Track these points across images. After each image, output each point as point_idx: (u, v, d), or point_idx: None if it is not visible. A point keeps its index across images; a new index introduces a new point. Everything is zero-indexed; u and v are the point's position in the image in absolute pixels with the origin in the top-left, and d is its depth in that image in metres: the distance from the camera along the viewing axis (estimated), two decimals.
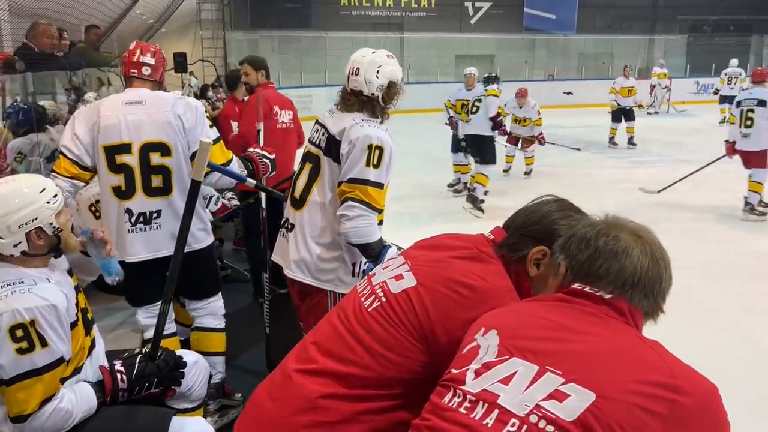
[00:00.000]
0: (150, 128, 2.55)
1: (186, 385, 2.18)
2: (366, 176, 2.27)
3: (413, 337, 1.33)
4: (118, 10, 6.39)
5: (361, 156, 2.27)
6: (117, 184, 2.57)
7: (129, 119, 2.55)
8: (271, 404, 1.39)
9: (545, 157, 9.56)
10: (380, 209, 2.33)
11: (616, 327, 1.13)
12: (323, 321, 1.53)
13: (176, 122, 2.58)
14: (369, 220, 2.27)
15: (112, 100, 2.70)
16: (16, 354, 1.69)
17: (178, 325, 3.30)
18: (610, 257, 1.17)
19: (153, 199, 2.59)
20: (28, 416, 1.72)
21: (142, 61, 2.66)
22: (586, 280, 1.19)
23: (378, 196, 2.29)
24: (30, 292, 1.74)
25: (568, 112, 17.20)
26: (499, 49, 20.79)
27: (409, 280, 1.41)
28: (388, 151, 2.31)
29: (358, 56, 2.41)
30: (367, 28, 19.28)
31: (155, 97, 2.64)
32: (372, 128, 2.32)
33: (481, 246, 1.45)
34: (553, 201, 1.48)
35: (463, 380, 1.13)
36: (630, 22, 21.62)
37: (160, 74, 2.74)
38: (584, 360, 1.05)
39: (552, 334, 1.12)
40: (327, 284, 2.41)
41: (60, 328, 1.76)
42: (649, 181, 7.71)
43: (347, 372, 1.34)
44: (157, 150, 2.56)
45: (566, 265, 1.23)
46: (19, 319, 1.69)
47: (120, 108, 2.58)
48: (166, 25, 10.05)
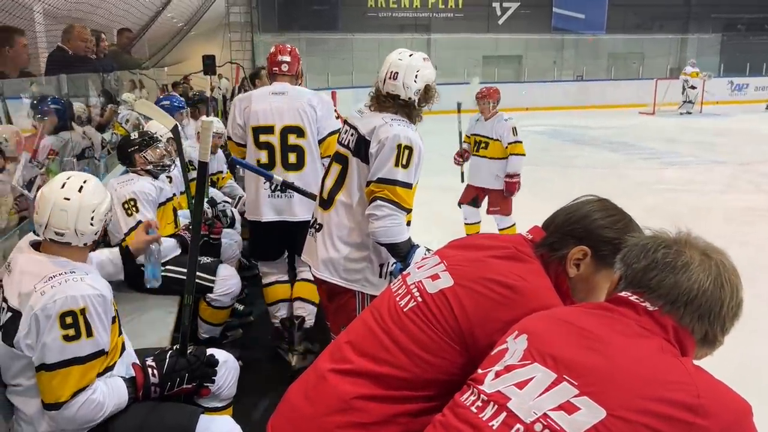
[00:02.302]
0: (289, 114, 3.16)
1: (216, 385, 2.19)
2: (395, 176, 2.25)
3: (451, 338, 1.30)
4: (149, 13, 6.47)
5: (390, 155, 2.25)
6: (261, 158, 3.19)
7: (273, 106, 3.18)
8: (305, 404, 1.38)
9: (578, 157, 9.44)
10: (409, 209, 2.31)
11: (649, 341, 1.07)
12: (357, 321, 1.51)
13: (310, 111, 3.19)
14: (397, 219, 2.26)
15: (262, 90, 3.35)
16: (62, 341, 1.72)
17: (206, 324, 3.35)
18: (666, 269, 1.12)
19: (289, 173, 3.18)
20: (61, 404, 1.74)
21: (281, 59, 3.28)
22: (636, 290, 1.14)
23: (407, 196, 2.27)
24: (82, 281, 1.78)
25: (597, 112, 17.01)
26: (526, 50, 20.62)
27: (445, 280, 1.38)
28: (418, 151, 2.29)
29: (395, 59, 2.36)
30: (393, 29, 19.27)
31: (295, 90, 3.26)
32: (401, 128, 2.30)
33: (519, 245, 1.42)
34: (595, 201, 1.44)
35: (482, 380, 1.12)
36: (661, 21, 21.27)
37: (296, 70, 3.34)
38: (604, 374, 1.02)
39: (579, 342, 1.08)
40: (354, 284, 2.40)
41: (106, 319, 1.80)
42: (680, 183, 7.56)
43: (383, 372, 1.32)
44: (293, 132, 3.17)
45: (621, 273, 1.19)
46: (72, 305, 1.72)
47: (267, 97, 3.23)
48: (195, 28, 10.16)
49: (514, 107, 17.52)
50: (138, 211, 3.05)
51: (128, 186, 3.09)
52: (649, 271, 1.13)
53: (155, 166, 3.24)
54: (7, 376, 1.84)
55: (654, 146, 11.42)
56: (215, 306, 3.27)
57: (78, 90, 4.58)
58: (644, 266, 1.14)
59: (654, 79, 17.83)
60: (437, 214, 6.26)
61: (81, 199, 1.85)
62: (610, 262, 1.36)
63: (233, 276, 3.32)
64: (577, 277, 1.39)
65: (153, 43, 8.08)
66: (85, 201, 1.86)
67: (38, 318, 1.71)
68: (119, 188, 3.07)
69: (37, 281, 1.76)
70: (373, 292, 2.39)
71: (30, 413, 1.83)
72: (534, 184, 8.25)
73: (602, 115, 16.48)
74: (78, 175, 1.94)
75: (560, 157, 10.53)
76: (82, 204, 1.85)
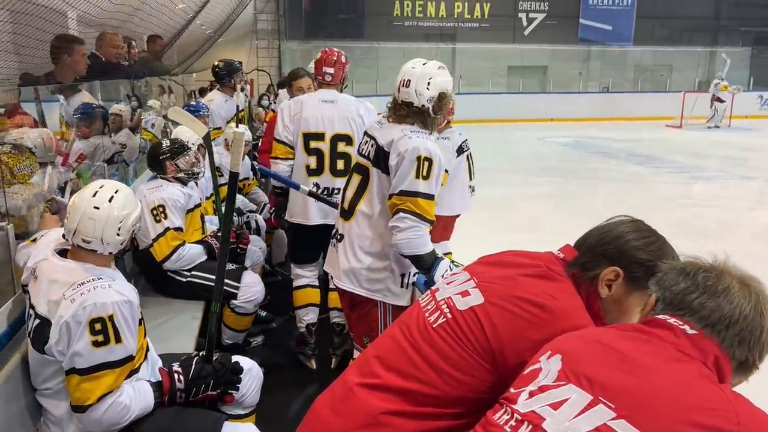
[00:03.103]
0: (340, 122, 3.27)
1: (240, 392, 2.20)
2: (416, 188, 2.26)
3: (480, 356, 1.29)
4: (181, 21, 6.56)
5: (411, 168, 2.26)
6: (310, 163, 3.29)
7: (324, 114, 3.29)
8: (332, 417, 1.38)
9: (603, 170, 9.33)
10: (431, 220, 2.31)
11: (688, 366, 1.05)
12: (385, 335, 1.51)
13: (359, 120, 3.30)
14: (420, 231, 2.26)
15: (312, 97, 3.42)
16: (92, 346, 1.74)
17: (229, 331, 3.37)
18: (708, 292, 1.10)
19: (336, 179, 3.28)
20: (87, 407, 1.76)
21: (325, 71, 3.39)
22: (675, 312, 1.13)
23: (429, 207, 2.28)
24: (110, 287, 1.81)
25: (623, 124, 16.85)
26: (552, 60, 20.50)
27: (476, 297, 1.38)
28: (437, 162, 2.29)
29: (408, 67, 2.39)
30: (419, 38, 19.29)
31: (344, 99, 3.38)
32: (420, 139, 2.30)
33: (550, 264, 1.41)
34: (629, 221, 1.42)
35: (516, 399, 1.11)
36: (690, 33, 21.00)
37: (341, 78, 3.44)
38: (641, 397, 1.00)
39: (615, 364, 1.07)
40: (376, 294, 2.40)
41: (133, 324, 1.83)
42: (708, 198, 7.45)
43: (411, 388, 1.32)
44: (343, 140, 3.28)
45: (658, 296, 1.17)
46: (101, 312, 1.75)
47: (318, 104, 3.32)
48: (224, 35, 10.27)
49: (539, 117, 17.53)
50: (166, 217, 3.09)
51: (157, 192, 3.13)
52: (689, 293, 1.12)
53: (186, 173, 3.28)
54: (37, 380, 1.88)
55: (681, 160, 11.28)
56: (239, 312, 3.30)
57: (109, 95, 4.66)
58: (684, 288, 1.13)
59: (682, 92, 17.62)
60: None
61: (110, 210, 1.88)
62: (642, 285, 1.34)
63: (257, 283, 3.34)
64: (609, 298, 1.38)
65: (182, 50, 8.18)
66: (113, 212, 1.88)
67: (69, 325, 1.74)
68: (148, 194, 3.11)
69: (65, 289, 1.79)
70: (395, 302, 2.40)
71: (58, 415, 1.85)
72: (557, 197, 8.22)
73: (628, 127, 16.32)
74: (110, 185, 1.96)
75: (584, 170, 10.45)
76: (110, 215, 1.87)
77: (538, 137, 14.40)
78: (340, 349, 3.45)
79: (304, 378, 3.33)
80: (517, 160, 11.27)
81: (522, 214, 7.27)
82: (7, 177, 2.51)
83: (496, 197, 8.02)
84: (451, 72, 2.47)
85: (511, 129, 15.76)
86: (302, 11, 18.77)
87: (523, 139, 14.03)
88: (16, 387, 1.86)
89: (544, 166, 10.81)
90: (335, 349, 3.46)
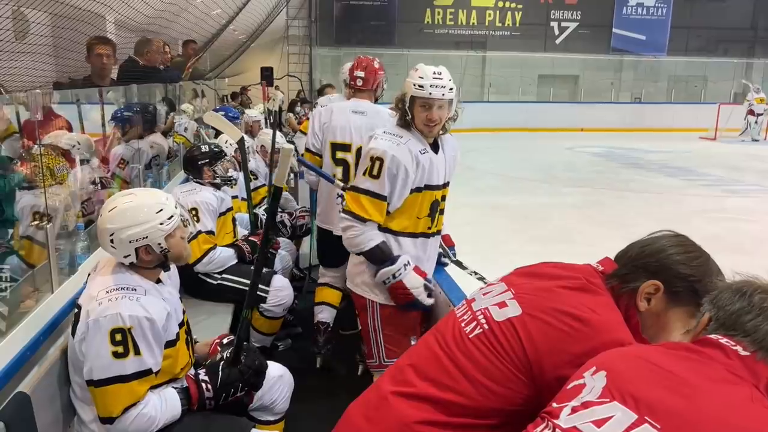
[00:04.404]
0: (366, 134, 3.03)
1: (270, 398, 2.21)
2: (361, 185, 2.35)
3: (517, 368, 1.28)
4: (216, 26, 6.66)
5: (363, 165, 2.36)
6: (336, 173, 3.26)
7: (352, 124, 3.24)
8: (366, 425, 1.38)
9: (634, 181, 9.16)
10: (369, 219, 2.34)
11: (738, 388, 1.02)
12: (420, 343, 1.50)
13: None
14: (357, 230, 2.35)
15: (342, 106, 3.36)
16: (113, 357, 1.75)
17: (258, 334, 3.39)
18: (765, 314, 1.07)
19: None
20: (114, 419, 1.77)
21: (356, 75, 3.29)
22: (727, 333, 1.09)
23: (371, 206, 2.33)
24: (137, 301, 1.81)
25: (655, 135, 16.61)
26: (584, 70, 20.31)
27: (513, 308, 1.36)
28: (390, 163, 2.31)
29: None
30: (449, 46, 19.26)
31: (374, 109, 3.30)
32: (383, 141, 2.37)
33: (589, 276, 1.39)
34: (671, 236, 1.39)
35: (558, 414, 1.09)
36: (726, 44, 20.63)
37: (373, 84, 3.34)
38: (688, 418, 0.97)
39: (662, 384, 1.04)
40: (358, 289, 2.52)
41: (153, 341, 1.81)
42: (743, 212, 7.28)
43: (446, 399, 1.30)
44: None
45: (711, 315, 1.14)
46: (120, 323, 1.75)
47: (347, 114, 3.27)
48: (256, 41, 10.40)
49: (569, 127, 17.35)
50: (199, 220, 3.12)
51: (191, 196, 3.17)
52: (744, 314, 1.08)
53: (222, 179, 3.32)
54: (72, 371, 1.90)
55: (715, 173, 11.07)
56: (268, 316, 3.32)
57: (142, 98, 4.74)
58: (739, 308, 1.09)
59: (717, 103, 17.30)
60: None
61: (104, 221, 1.87)
62: (683, 300, 1.31)
63: (287, 287, 3.36)
64: (647, 312, 1.35)
65: (214, 55, 8.31)
66: (104, 223, 1.87)
67: (89, 327, 1.76)
68: (182, 197, 3.15)
69: (101, 289, 1.82)
70: (374, 298, 2.47)
71: (86, 420, 1.87)
72: (588, 207, 8.11)
73: (660, 138, 16.08)
74: (121, 197, 1.94)
75: (616, 180, 10.31)
76: (103, 226, 1.87)
77: (568, 147, 14.26)
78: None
79: (331, 384, 3.33)
80: (547, 170, 11.16)
81: (551, 224, 7.19)
82: (48, 177, 2.56)
83: (525, 207, 7.96)
84: (481, 80, 2.47)
85: (541, 138, 15.65)
86: (333, 18, 18.92)
87: (553, 148, 13.90)
88: (53, 384, 1.89)
89: (574, 176, 10.70)
90: (361, 356, 3.45)
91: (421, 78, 2.33)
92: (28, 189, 2.62)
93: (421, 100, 2.34)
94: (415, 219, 2.45)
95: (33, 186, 2.59)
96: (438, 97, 2.32)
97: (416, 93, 2.33)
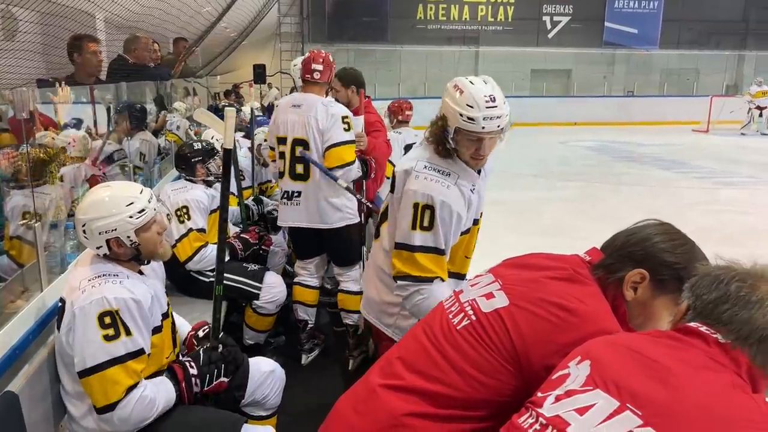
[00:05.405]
0: (299, 127, 3.23)
1: (262, 394, 2.20)
2: (411, 241, 1.97)
3: (505, 359, 1.28)
4: (207, 23, 6.63)
5: (407, 215, 1.97)
6: (280, 166, 3.34)
7: (289, 118, 3.27)
8: (355, 418, 1.38)
9: (627, 174, 9.20)
10: (435, 276, 1.99)
11: (720, 375, 1.02)
12: (408, 336, 1.50)
13: (314, 123, 3.20)
14: (424, 293, 1.97)
15: (286, 101, 3.42)
16: (104, 341, 1.74)
17: (251, 331, 3.39)
18: (740, 304, 1.06)
19: (296, 182, 3.29)
20: (115, 405, 1.75)
21: (314, 68, 3.28)
22: (706, 321, 1.09)
23: (429, 262, 1.97)
24: (121, 284, 1.82)
25: (648, 129, 16.64)
26: (576, 64, 20.35)
27: (500, 299, 1.36)
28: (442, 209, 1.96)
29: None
30: (442, 41, 19.27)
31: (308, 102, 3.26)
32: (427, 182, 1.98)
33: (576, 267, 1.39)
34: (656, 224, 1.40)
35: (542, 403, 1.10)
36: (718, 36, 20.68)
37: (328, 77, 3.36)
38: (670, 405, 0.97)
39: (644, 371, 1.04)
40: (387, 329, 2.19)
41: (142, 322, 1.82)
42: (737, 204, 7.30)
43: (434, 390, 1.31)
44: (300, 144, 3.24)
45: (689, 303, 1.14)
46: (107, 306, 1.76)
47: (287, 109, 3.31)
48: (248, 38, 10.36)
49: (562, 121, 17.38)
50: (190, 218, 3.12)
51: (182, 194, 3.17)
52: (720, 304, 1.08)
53: (215, 176, 3.31)
54: (61, 366, 1.89)
55: (708, 165, 11.10)
56: (261, 313, 3.31)
57: (134, 97, 4.72)
58: (715, 298, 1.09)
59: (709, 96, 17.34)
60: None
61: (78, 212, 1.90)
62: (669, 288, 1.32)
63: (279, 284, 3.35)
64: (634, 301, 1.35)
65: (205, 52, 8.26)
66: (78, 213, 1.90)
67: (75, 316, 1.76)
68: (173, 195, 3.15)
69: (83, 278, 1.83)
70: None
71: (77, 416, 1.86)
72: (582, 201, 8.13)
73: (653, 131, 16.12)
74: (98, 188, 1.96)
75: (609, 174, 10.34)
76: (77, 216, 1.90)
77: (562, 141, 14.29)
78: (356, 351, 3.45)
79: (324, 379, 3.33)
80: (540, 164, 11.18)
81: (545, 218, 7.21)
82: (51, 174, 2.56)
83: (518, 201, 7.95)
84: (474, 75, 2.10)
85: (534, 132, 15.65)
86: (326, 14, 18.88)
87: (546, 142, 13.92)
88: (42, 382, 1.88)
89: (568, 170, 10.71)
90: (351, 351, 3.46)
91: (471, 108, 1.91)
92: (18, 189, 2.60)
93: (470, 134, 1.96)
94: (463, 259, 2.21)
95: (23, 186, 2.58)
96: (493, 130, 1.94)
97: (465, 126, 1.93)
